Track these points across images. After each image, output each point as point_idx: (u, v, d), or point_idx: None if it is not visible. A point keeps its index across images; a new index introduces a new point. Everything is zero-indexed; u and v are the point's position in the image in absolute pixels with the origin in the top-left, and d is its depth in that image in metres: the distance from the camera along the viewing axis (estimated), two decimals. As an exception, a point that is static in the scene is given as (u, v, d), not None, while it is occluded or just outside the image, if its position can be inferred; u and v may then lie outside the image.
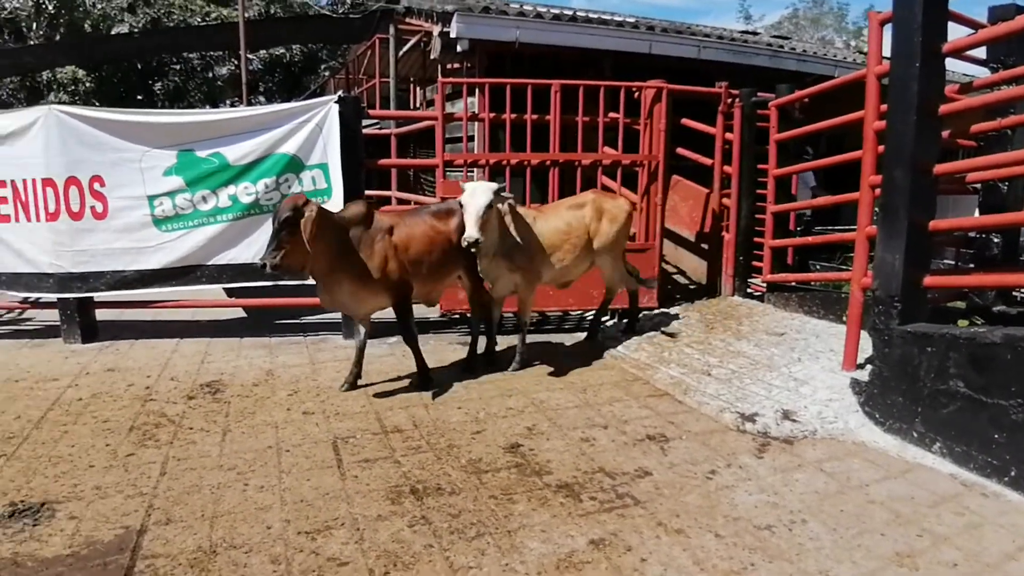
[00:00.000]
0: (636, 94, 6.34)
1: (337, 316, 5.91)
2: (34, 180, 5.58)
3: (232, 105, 19.43)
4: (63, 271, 5.59)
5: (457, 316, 6.20)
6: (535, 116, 5.87)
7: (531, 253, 4.73)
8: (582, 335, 5.88)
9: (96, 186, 5.52)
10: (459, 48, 7.10)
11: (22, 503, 3.10)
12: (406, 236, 4.43)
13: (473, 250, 4.36)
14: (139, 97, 17.24)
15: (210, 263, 5.58)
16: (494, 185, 4.40)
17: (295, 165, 5.46)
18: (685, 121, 6.63)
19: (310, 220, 3.92)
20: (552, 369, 4.98)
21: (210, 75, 18.41)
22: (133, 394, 4.52)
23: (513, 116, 5.86)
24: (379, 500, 3.10)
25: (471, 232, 4.21)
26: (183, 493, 3.16)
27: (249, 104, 11.72)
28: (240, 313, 6.57)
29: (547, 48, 7.77)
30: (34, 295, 6.01)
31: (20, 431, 3.94)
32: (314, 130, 5.41)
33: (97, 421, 4.06)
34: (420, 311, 5.56)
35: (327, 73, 18.99)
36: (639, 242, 6.16)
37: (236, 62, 19.18)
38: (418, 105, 10.30)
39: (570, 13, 8.51)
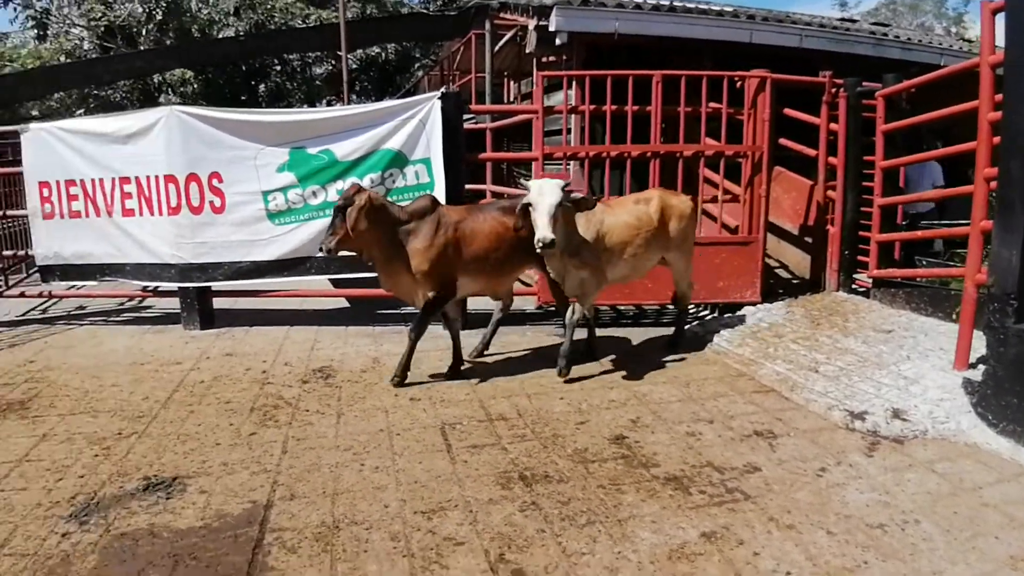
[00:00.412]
0: (739, 84, 6.21)
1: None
2: (157, 177, 5.93)
3: (329, 104, 20.08)
4: (184, 262, 5.93)
5: (553, 308, 6.23)
6: (635, 107, 5.84)
7: (599, 250, 4.58)
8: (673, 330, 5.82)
9: (215, 182, 5.82)
10: (558, 41, 7.11)
11: (155, 477, 3.32)
12: (471, 231, 4.50)
13: (547, 251, 4.15)
14: (243, 97, 18.02)
15: (320, 255, 5.78)
16: (561, 181, 4.24)
17: (399, 160, 5.61)
18: (787, 111, 6.45)
19: (356, 208, 4.12)
20: (652, 362, 4.95)
21: (309, 75, 19.02)
22: (251, 377, 4.76)
23: (613, 108, 5.84)
24: (489, 485, 3.17)
25: (545, 233, 4.03)
26: (304, 471, 3.32)
27: (349, 103, 12.06)
28: (344, 303, 6.80)
29: (645, 39, 7.70)
30: (155, 284, 6.37)
31: (149, 411, 4.22)
32: (418, 126, 5.55)
33: (220, 402, 4.30)
34: (516, 303, 5.67)
35: (420, 71, 19.36)
36: (741, 235, 6.04)
37: (333, 62, 19.81)
38: (512, 99, 10.38)
39: (667, 3, 8.40)
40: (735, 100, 6.11)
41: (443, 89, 5.70)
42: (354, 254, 4.60)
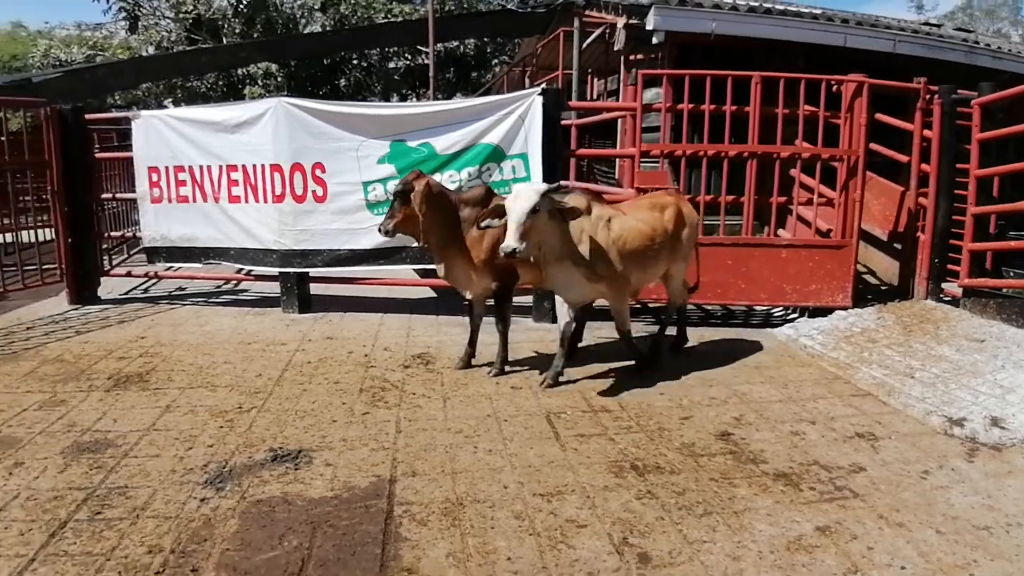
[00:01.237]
0: (835, 87, 6.16)
1: (527, 299, 6.16)
2: (263, 165, 6.18)
3: (405, 98, 20.43)
4: (286, 248, 6.17)
5: (639, 306, 6.29)
6: (734, 107, 5.84)
7: (612, 258, 4.28)
8: (771, 329, 5.81)
9: (318, 172, 6.04)
10: (654, 40, 7.14)
11: (281, 450, 3.51)
12: None
13: (511, 258, 3.87)
14: (322, 92, 18.46)
15: (415, 245, 5.95)
16: (542, 187, 4.00)
17: (497, 154, 5.73)
18: (880, 116, 6.36)
19: (419, 193, 4.24)
20: (747, 362, 4.98)
21: (387, 69, 19.37)
22: (355, 360, 4.95)
23: (711, 107, 5.85)
24: (602, 472, 3.26)
25: (509, 241, 3.79)
26: (421, 450, 3.46)
27: (434, 98, 12.27)
28: (432, 293, 6.97)
29: (737, 40, 7.67)
30: (257, 268, 6.64)
31: (263, 387, 4.43)
32: (517, 121, 5.66)
33: (328, 382, 4.49)
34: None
35: (498, 67, 19.51)
36: (834, 239, 5.99)
37: (409, 57, 20.14)
38: (595, 96, 10.43)
39: (763, 5, 8.34)
40: (830, 104, 6.06)
41: (543, 85, 5.79)
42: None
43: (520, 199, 3.87)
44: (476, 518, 2.83)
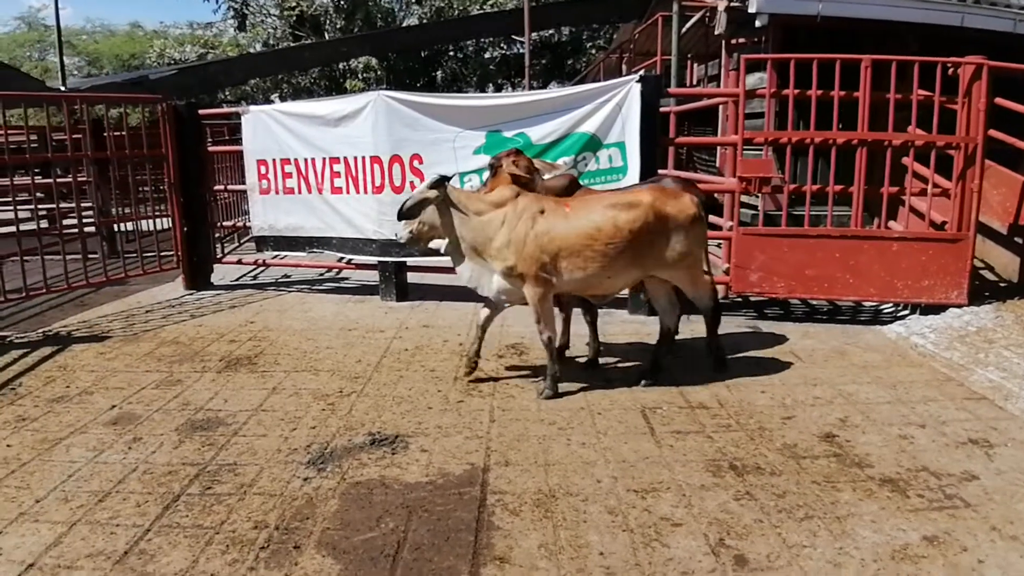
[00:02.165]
0: (951, 71, 5.79)
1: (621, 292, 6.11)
2: (363, 157, 6.34)
3: (500, 88, 20.56)
4: (385, 238, 6.31)
5: (740, 300, 6.13)
6: (843, 93, 5.59)
7: (530, 254, 3.95)
8: (879, 327, 5.56)
9: (416, 163, 6.15)
10: (757, 23, 6.91)
11: (379, 434, 3.61)
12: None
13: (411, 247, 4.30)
14: (420, 83, 18.83)
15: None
16: (435, 177, 4.08)
17: (594, 143, 5.68)
18: (1000, 101, 5.93)
19: (504, 173, 4.31)
20: (853, 361, 4.77)
21: (483, 59, 19.54)
22: (450, 349, 5.04)
23: (818, 93, 5.61)
24: (699, 471, 3.21)
25: (398, 230, 4.16)
26: (514, 440, 3.50)
27: (529, 87, 12.30)
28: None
29: (845, 21, 7.33)
30: (357, 257, 6.83)
31: (363, 373, 4.57)
32: (614, 109, 5.59)
33: (424, 369, 4.60)
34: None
35: (593, 53, 19.34)
36: (949, 231, 5.66)
37: (503, 47, 20.24)
38: (695, 82, 10.20)
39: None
40: (946, 88, 5.70)
41: (641, 72, 5.71)
42: None
43: (417, 190, 4.17)
44: (569, 511, 2.84)
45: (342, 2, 18.49)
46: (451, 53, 19.37)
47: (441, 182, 4.08)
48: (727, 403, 4.02)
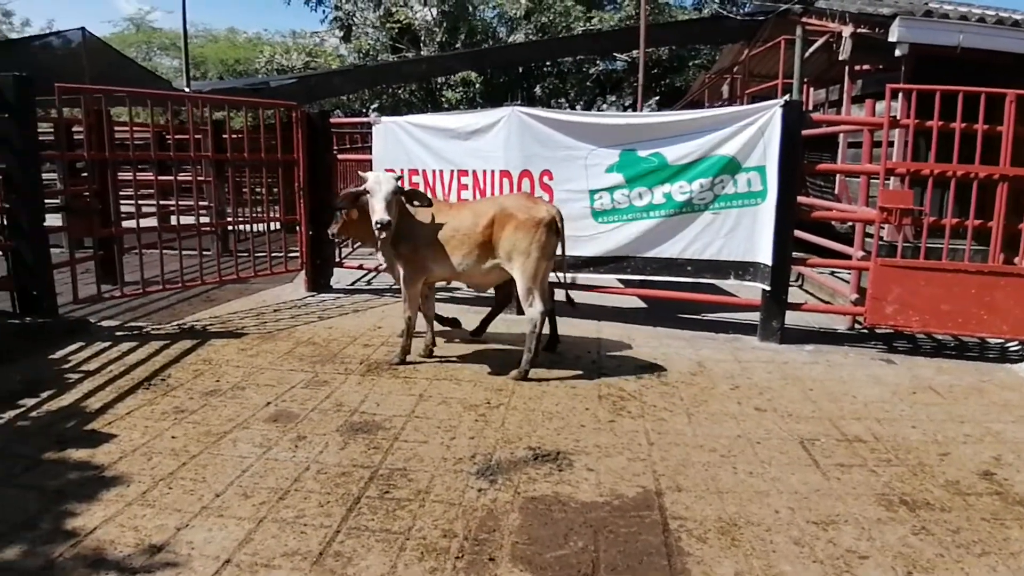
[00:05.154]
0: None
1: (749, 317, 6.02)
2: (493, 172, 6.41)
3: (592, 104, 20.54)
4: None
5: (866, 331, 5.95)
6: (986, 127, 5.40)
7: (415, 243, 4.84)
8: (1010, 365, 5.32)
9: (545, 179, 6.18)
10: (897, 52, 6.75)
11: (539, 449, 3.62)
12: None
13: (383, 234, 4.66)
14: (517, 98, 18.97)
15: (639, 255, 5.96)
16: (394, 175, 4.82)
17: (732, 167, 5.61)
18: None
19: None
20: (992, 398, 4.59)
21: (583, 75, 19.58)
22: (583, 365, 5.04)
23: (963, 125, 5.43)
24: (871, 504, 3.13)
25: (383, 215, 4.52)
26: (679, 465, 3.46)
27: (642, 104, 12.24)
28: (640, 303, 6.94)
29: (979, 53, 7.08)
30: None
31: (504, 385, 4.61)
32: (755, 133, 5.51)
33: (565, 385, 4.61)
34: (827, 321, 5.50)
35: (693, 72, 19.17)
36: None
37: (600, 63, 20.26)
38: (811, 107, 9.99)
39: (1009, 16, 7.64)
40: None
41: (786, 97, 5.61)
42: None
43: (383, 182, 4.65)
44: (755, 540, 2.79)
45: (444, 17, 18.83)
46: (548, 67, 19.46)
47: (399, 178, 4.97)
48: (882, 437, 3.91)
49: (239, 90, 11.62)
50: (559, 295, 5.33)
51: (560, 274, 5.21)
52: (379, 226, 4.59)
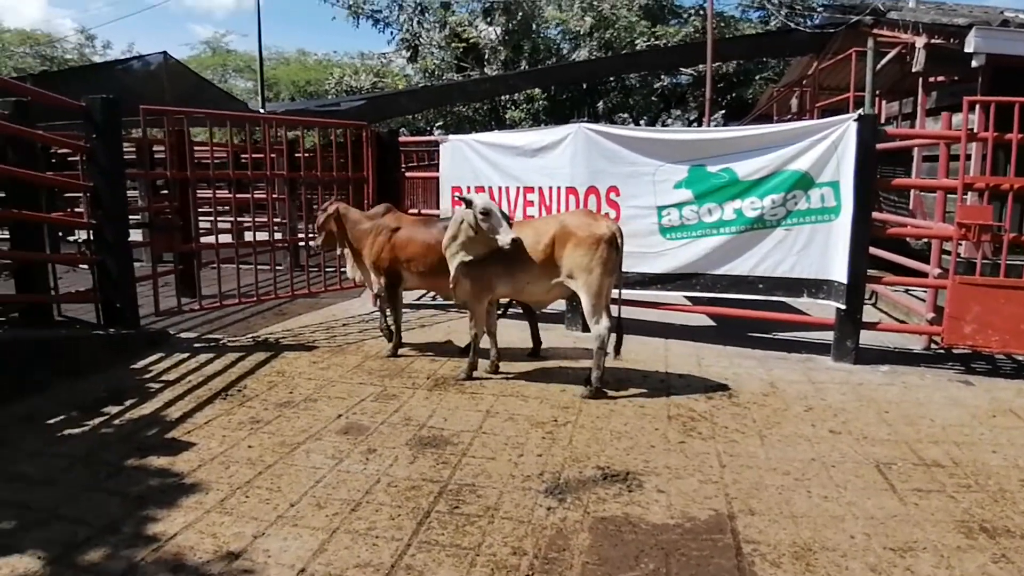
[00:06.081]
0: None
1: (822, 336, 5.87)
2: (559, 188, 6.44)
3: (656, 119, 20.41)
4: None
5: (943, 352, 5.71)
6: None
7: (481, 262, 4.96)
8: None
9: (612, 195, 6.17)
10: (974, 63, 6.51)
11: (608, 468, 3.59)
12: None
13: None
14: (581, 115, 19.00)
15: (708, 272, 5.88)
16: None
17: (805, 182, 5.49)
18: None
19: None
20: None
21: (647, 90, 19.48)
22: (651, 384, 4.98)
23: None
24: (950, 531, 3.01)
25: (510, 234, 4.64)
26: (752, 488, 3.38)
27: (709, 119, 12.11)
28: (709, 321, 6.83)
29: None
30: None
31: (571, 403, 4.61)
32: (829, 148, 5.38)
33: (634, 404, 4.55)
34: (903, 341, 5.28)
35: (760, 85, 18.86)
36: None
37: (664, 78, 20.13)
38: (884, 119, 9.72)
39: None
40: None
41: (860, 111, 5.48)
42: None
43: (491, 202, 5.03)
44: (830, 566, 2.71)
45: (508, 35, 19.00)
46: (612, 83, 19.43)
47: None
48: (960, 462, 3.75)
49: (311, 111, 11.97)
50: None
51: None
52: (509, 246, 4.64)
